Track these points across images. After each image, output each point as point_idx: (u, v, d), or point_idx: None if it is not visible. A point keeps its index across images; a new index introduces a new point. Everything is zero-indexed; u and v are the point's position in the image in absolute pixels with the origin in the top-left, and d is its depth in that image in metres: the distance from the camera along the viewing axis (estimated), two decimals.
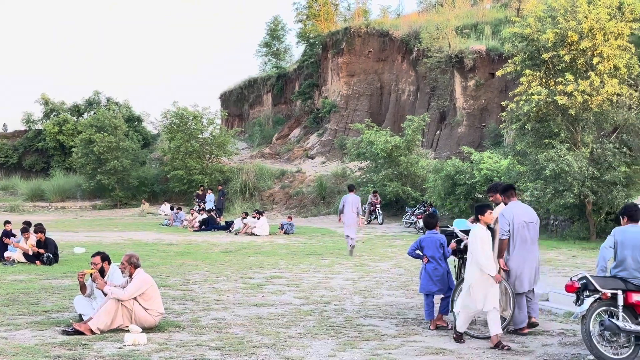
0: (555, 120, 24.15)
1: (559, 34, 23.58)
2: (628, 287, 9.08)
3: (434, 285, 10.90)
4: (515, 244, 10.49)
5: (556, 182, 22.95)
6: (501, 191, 10.92)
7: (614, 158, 23.31)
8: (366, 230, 30.61)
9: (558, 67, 24.21)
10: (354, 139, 39.30)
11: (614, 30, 23.35)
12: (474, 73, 39.70)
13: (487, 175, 28.22)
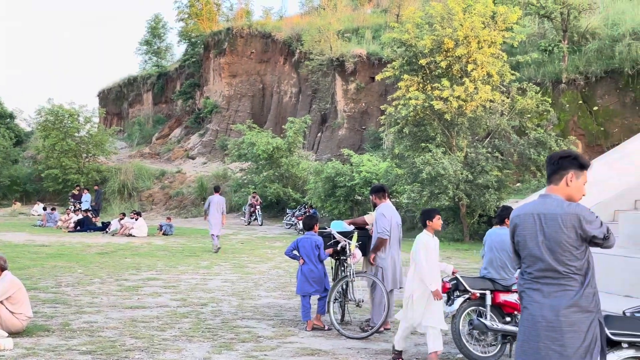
0: (432, 124, 24.80)
1: (436, 40, 24.23)
2: (496, 288, 9.40)
3: (310, 286, 10.97)
4: (391, 243, 10.73)
5: (432, 185, 23.53)
6: (374, 192, 11.10)
7: (486, 162, 24.09)
8: (246, 232, 30.52)
9: (435, 72, 24.86)
10: (236, 139, 39.14)
11: (487, 39, 24.16)
12: (355, 76, 40.27)
13: (366, 178, 28.67)
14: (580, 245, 5.06)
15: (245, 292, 14.27)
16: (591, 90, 28.40)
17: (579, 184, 5.24)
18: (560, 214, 5.10)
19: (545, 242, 5.13)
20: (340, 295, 11.08)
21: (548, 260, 5.13)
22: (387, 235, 10.62)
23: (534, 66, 29.14)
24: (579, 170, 5.23)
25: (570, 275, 5.08)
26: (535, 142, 24.43)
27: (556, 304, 5.07)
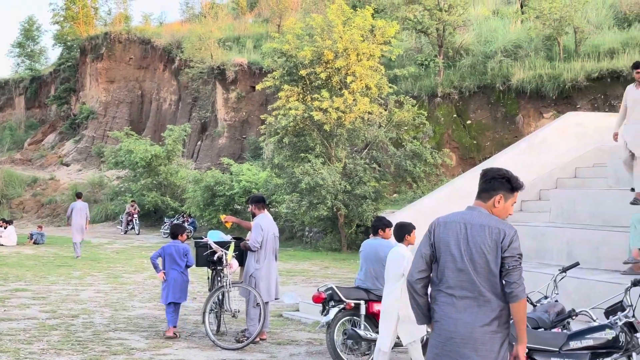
0: (311, 135, 25.00)
1: (316, 51, 24.46)
2: (370, 297, 9.52)
3: (175, 294, 10.90)
4: (267, 254, 10.70)
5: (311, 195, 23.68)
6: (253, 202, 11.06)
7: (364, 173, 24.45)
8: (122, 241, 29.85)
9: (315, 83, 25.09)
10: (113, 147, 38.28)
11: (366, 52, 24.57)
12: (236, 85, 40.14)
13: (246, 187, 28.59)
14: (499, 263, 5.00)
15: (118, 303, 13.93)
16: (465, 105, 29.31)
17: (506, 205, 5.20)
18: (487, 225, 5.05)
19: (468, 252, 5.05)
20: (216, 305, 10.97)
21: (468, 271, 5.05)
22: (257, 248, 10.59)
23: (411, 80, 29.83)
24: (508, 193, 5.19)
25: (487, 292, 5.02)
26: (412, 154, 25.00)
27: (471, 321, 5.00)
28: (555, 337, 6.80)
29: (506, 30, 30.57)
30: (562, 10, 26.49)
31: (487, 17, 32.77)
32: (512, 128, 28.02)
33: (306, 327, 11.90)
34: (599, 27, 28.20)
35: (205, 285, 12.91)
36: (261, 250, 10.64)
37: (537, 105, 27.51)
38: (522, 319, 5.04)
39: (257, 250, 10.61)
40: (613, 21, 28.60)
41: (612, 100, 25.11)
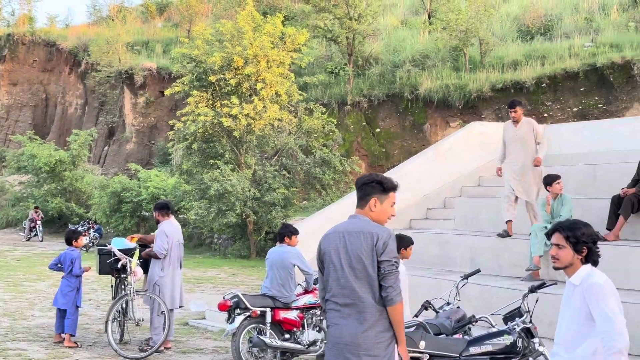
0: (221, 141, 24.83)
1: (226, 58, 24.31)
2: (276, 305, 9.49)
3: (58, 300, 10.91)
4: (171, 261, 10.56)
5: (220, 202, 23.50)
6: (157, 209, 10.90)
7: (274, 180, 24.42)
8: (25, 248, 28.97)
9: (224, 90, 24.93)
10: (15, 151, 37.15)
11: (276, 59, 24.57)
12: (145, 90, 39.56)
13: (154, 193, 28.19)
14: (376, 267, 5.08)
15: (18, 312, 13.49)
16: (374, 113, 29.63)
17: (384, 207, 5.27)
18: (362, 231, 5.13)
19: (347, 259, 5.14)
20: (119, 314, 10.75)
21: (348, 278, 5.14)
22: (164, 254, 10.45)
23: (321, 87, 29.99)
24: (382, 194, 5.25)
25: (367, 297, 5.10)
26: (321, 162, 25.11)
27: (353, 327, 5.10)
28: (456, 343, 6.91)
29: (414, 40, 31.09)
30: (468, 22, 27.11)
31: (396, 27, 33.25)
32: (420, 136, 28.48)
33: (212, 335, 11.78)
34: (503, 39, 28.98)
35: (109, 294, 12.63)
36: (165, 258, 10.50)
37: (444, 115, 28.04)
38: (399, 321, 5.12)
39: (162, 258, 10.46)
40: (517, 34, 29.43)
41: None
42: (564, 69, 25.00)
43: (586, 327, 4.91)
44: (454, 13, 27.62)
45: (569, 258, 5.02)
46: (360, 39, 29.88)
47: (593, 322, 4.86)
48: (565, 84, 25.11)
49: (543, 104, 25.51)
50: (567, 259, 5.02)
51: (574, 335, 4.99)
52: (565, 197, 11.41)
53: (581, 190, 13.73)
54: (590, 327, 4.87)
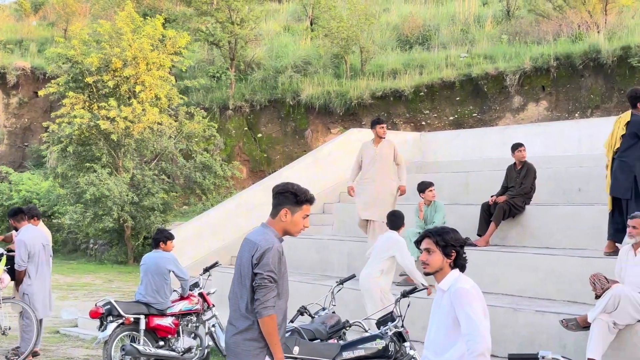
0: (98, 144, 24.23)
1: (104, 59, 23.75)
2: (151, 312, 9.32)
3: None
4: (38, 267, 10.20)
5: (96, 206, 22.92)
6: (11, 216, 10.52)
7: (153, 184, 24.00)
8: None
9: (102, 91, 24.35)
10: None
11: (156, 61, 24.18)
12: (18, 90, 38.08)
13: (26, 197, 27.21)
14: (251, 277, 5.16)
15: None
16: (256, 118, 29.58)
17: (295, 219, 5.28)
18: (252, 240, 5.22)
19: (239, 266, 5.28)
20: None
21: (236, 283, 5.31)
22: (24, 267, 10.07)
23: (202, 91, 29.69)
24: (294, 206, 5.27)
25: (243, 304, 5.23)
26: (202, 166, 24.86)
27: (230, 330, 5.30)
28: (330, 348, 6.95)
29: (297, 46, 31.26)
30: (349, 30, 27.47)
31: (278, 33, 33.35)
32: (301, 142, 28.63)
33: (84, 344, 11.45)
34: (383, 48, 29.51)
35: None
36: (31, 265, 10.12)
37: (325, 121, 28.29)
38: (269, 333, 5.17)
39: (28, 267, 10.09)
40: (396, 43, 30.04)
41: (395, 118, 26.34)
42: (441, 79, 25.68)
43: (454, 332, 5.03)
44: (335, 21, 27.94)
45: (439, 262, 5.14)
46: (242, 44, 29.79)
47: (460, 326, 4.98)
48: (442, 93, 25.80)
49: (421, 112, 26.12)
50: (437, 264, 5.14)
51: (442, 340, 5.10)
52: (439, 204, 11.69)
53: (454, 197, 14.13)
54: (458, 331, 5.00)
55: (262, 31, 31.95)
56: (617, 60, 22.57)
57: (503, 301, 10.15)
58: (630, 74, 22.34)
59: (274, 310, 5.16)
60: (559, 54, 23.70)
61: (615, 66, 22.67)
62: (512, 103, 24.64)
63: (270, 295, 5.15)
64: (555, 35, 25.71)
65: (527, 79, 24.29)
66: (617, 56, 22.55)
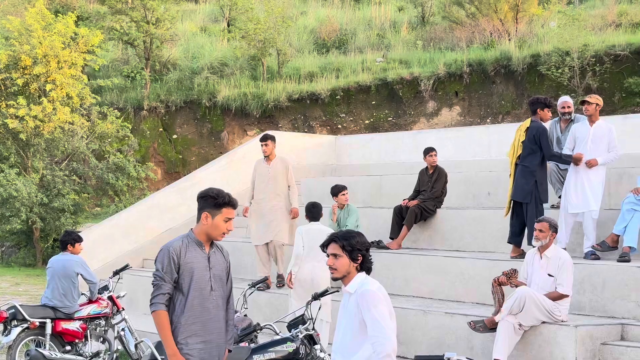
0: (6, 143, 23.58)
1: (13, 56, 23.13)
2: (57, 316, 9.11)
3: None
4: None
5: (3, 208, 22.24)
6: None
7: (63, 185, 23.44)
8: None
9: (10, 89, 23.69)
10: None
11: (68, 59, 23.63)
12: None
13: None
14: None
15: None
16: (171, 119, 29.26)
17: (216, 222, 5.51)
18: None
19: None
20: None
21: None
22: None
23: (116, 91, 29.18)
24: (214, 209, 5.50)
25: None
26: (115, 167, 24.39)
27: None
28: (240, 351, 6.92)
29: (213, 47, 31.06)
30: (266, 33, 27.45)
31: (194, 34, 33.07)
32: (217, 144, 28.45)
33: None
34: (300, 51, 29.60)
35: None
36: None
37: (241, 123, 28.19)
38: (158, 327, 5.52)
39: None
40: (313, 46, 30.17)
41: (311, 121, 26.46)
42: (357, 83, 25.91)
43: (361, 334, 5.07)
44: (252, 22, 27.88)
45: (345, 267, 5.17)
46: (157, 44, 29.43)
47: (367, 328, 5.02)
48: (358, 97, 26.02)
49: (337, 115, 26.29)
50: (344, 268, 5.17)
51: (350, 343, 5.14)
52: (352, 207, 11.76)
53: (368, 200, 14.27)
54: (365, 333, 5.04)
55: (178, 31, 31.60)
56: (527, 68, 23.19)
57: (414, 303, 10.30)
58: (539, 81, 22.98)
59: (161, 307, 5.45)
60: (471, 60, 24.21)
61: (525, 73, 23.29)
62: (426, 108, 25.04)
63: (156, 292, 5.48)
64: (468, 42, 26.25)
65: (441, 85, 24.72)
66: (527, 63, 23.16)
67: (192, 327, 5.50)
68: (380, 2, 32.65)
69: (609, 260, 9.58)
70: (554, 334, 8.32)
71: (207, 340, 5.56)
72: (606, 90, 21.82)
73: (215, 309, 5.63)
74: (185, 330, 5.49)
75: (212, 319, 5.61)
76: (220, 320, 5.66)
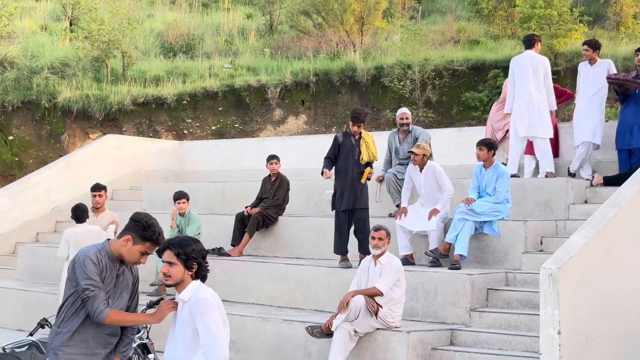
0: None
1: None
2: None
3: None
4: None
5: None
6: None
7: None
8: None
9: None
10: None
11: None
12: None
13: None
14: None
15: None
16: (8, 120, 27.93)
17: (134, 249, 5.29)
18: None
19: None
20: None
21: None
22: None
23: None
24: (138, 238, 5.29)
25: None
26: None
27: None
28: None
29: (54, 47, 29.93)
30: (110, 34, 26.74)
31: (34, 32, 31.75)
32: (57, 147, 27.41)
33: None
34: (146, 54, 29.04)
35: None
36: None
37: (83, 126, 27.29)
38: (122, 323, 5.40)
39: None
40: (160, 50, 29.68)
41: (157, 125, 25.98)
42: (204, 88, 25.68)
43: (193, 343, 5.03)
44: (96, 23, 27.08)
45: (180, 275, 5.13)
46: None
47: (199, 337, 4.98)
48: (205, 103, 25.80)
49: (183, 120, 25.95)
50: (179, 276, 5.13)
51: (182, 351, 5.08)
52: (193, 214, 11.63)
53: (211, 206, 14.16)
54: (197, 342, 5.00)
55: (16, 29, 30.27)
56: (372, 79, 23.76)
57: (253, 311, 10.29)
58: (382, 92, 23.59)
59: (107, 309, 5.22)
60: (318, 70, 24.55)
61: (369, 84, 23.85)
62: (273, 115, 25.15)
63: (96, 303, 5.20)
64: (315, 52, 26.61)
65: (288, 93, 24.91)
66: (371, 75, 23.73)
67: (82, 341, 5.30)
68: (228, 9, 32.59)
69: (441, 268, 9.93)
70: (388, 339, 8.53)
71: (94, 354, 5.33)
72: (445, 104, 22.72)
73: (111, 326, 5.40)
74: (74, 341, 5.27)
75: (107, 334, 5.39)
76: (115, 334, 5.44)
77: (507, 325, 8.94)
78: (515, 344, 8.50)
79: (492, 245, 10.22)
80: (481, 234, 10.21)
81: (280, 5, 31.13)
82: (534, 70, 12.13)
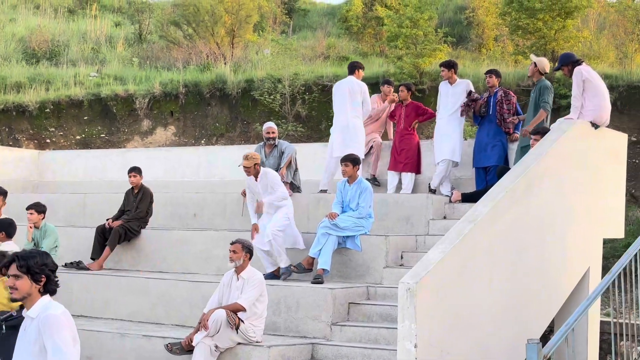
0: None
1: None
2: None
3: None
4: None
5: None
6: None
7: None
8: None
9: None
10: None
11: None
12: None
13: None
14: None
15: None
16: None
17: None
18: None
19: None
20: None
21: None
22: None
23: None
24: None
25: None
26: None
27: None
28: None
29: None
30: None
31: None
32: None
33: None
34: (7, 59, 27.95)
35: None
36: None
37: None
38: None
39: None
40: (22, 56, 28.63)
41: (17, 134, 25.00)
42: (69, 96, 24.95)
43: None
44: None
45: (26, 288, 4.94)
46: None
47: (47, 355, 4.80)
48: (69, 111, 25.04)
49: (46, 129, 25.08)
50: (25, 289, 4.94)
51: None
52: (49, 227, 11.20)
53: (71, 218, 13.72)
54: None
55: None
56: (242, 92, 23.72)
57: (112, 326, 10.00)
58: (252, 105, 23.60)
59: None
60: (187, 81, 24.31)
61: (240, 97, 23.80)
62: (141, 126, 24.69)
63: None
64: (185, 63, 26.35)
65: (156, 104, 24.53)
66: (241, 88, 23.69)
67: None
68: (96, 16, 31.82)
69: (303, 282, 9.96)
70: (249, 354, 8.47)
71: None
72: (314, 118, 22.93)
73: None
74: None
75: None
76: None
77: (367, 339, 9.04)
78: (375, 358, 8.61)
79: (355, 260, 10.34)
80: (344, 249, 10.31)
81: (150, 14, 30.70)
82: (352, 95, 12.63)
